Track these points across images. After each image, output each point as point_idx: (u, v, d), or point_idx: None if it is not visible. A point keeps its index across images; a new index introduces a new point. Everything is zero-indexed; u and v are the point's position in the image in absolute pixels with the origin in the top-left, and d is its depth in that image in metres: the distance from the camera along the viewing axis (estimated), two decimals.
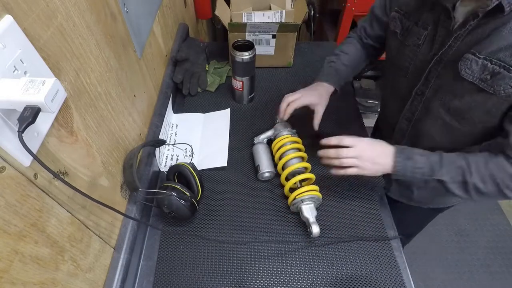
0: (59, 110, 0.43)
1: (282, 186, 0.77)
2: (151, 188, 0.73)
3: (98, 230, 0.54)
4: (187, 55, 0.98)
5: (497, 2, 0.49)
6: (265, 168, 0.78)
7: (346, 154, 0.63)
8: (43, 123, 0.40)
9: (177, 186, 0.66)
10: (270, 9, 1.14)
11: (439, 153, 0.62)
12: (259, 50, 1.02)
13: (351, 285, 0.64)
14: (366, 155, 0.63)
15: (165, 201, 0.65)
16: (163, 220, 0.73)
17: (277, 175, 0.80)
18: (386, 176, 0.69)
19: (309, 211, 0.69)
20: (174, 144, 0.87)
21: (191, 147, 0.85)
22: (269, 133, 0.85)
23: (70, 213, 0.46)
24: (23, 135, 0.33)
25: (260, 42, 1.01)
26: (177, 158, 0.84)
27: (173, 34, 1.03)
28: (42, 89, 0.33)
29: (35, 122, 0.33)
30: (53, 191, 0.42)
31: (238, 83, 0.93)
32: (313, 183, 0.76)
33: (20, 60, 0.36)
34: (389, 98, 0.80)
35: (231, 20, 1.08)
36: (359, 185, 0.80)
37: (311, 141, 0.88)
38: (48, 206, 0.41)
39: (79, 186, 0.48)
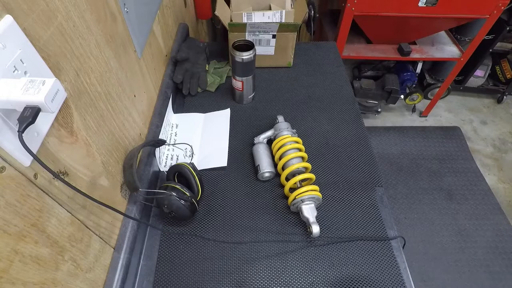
0: (59, 110, 0.43)
1: (282, 186, 0.77)
2: (151, 188, 0.73)
3: (98, 230, 0.54)
4: (187, 55, 0.98)
5: None
6: (265, 168, 0.78)
7: None
8: (43, 123, 0.40)
9: (177, 186, 0.66)
10: (270, 9, 1.14)
11: None
12: (259, 50, 1.02)
13: (351, 285, 0.64)
14: None
15: (165, 201, 0.65)
16: (163, 220, 0.73)
17: (277, 175, 0.80)
18: None
19: (309, 211, 0.69)
20: (174, 144, 0.87)
21: (191, 147, 0.85)
22: (269, 133, 0.85)
23: (70, 213, 0.46)
24: (23, 135, 0.33)
25: (260, 42, 1.01)
26: (177, 158, 0.84)
27: (173, 34, 1.03)
28: (42, 89, 0.33)
29: (35, 122, 0.33)
30: (53, 191, 0.42)
31: (238, 83, 0.93)
32: (313, 183, 0.76)
33: (20, 60, 0.36)
34: None
35: (231, 20, 1.08)
36: (359, 185, 0.80)
37: (312, 142, 0.89)
38: (48, 206, 0.41)
39: (79, 186, 0.48)
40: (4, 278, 0.34)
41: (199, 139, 0.89)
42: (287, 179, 0.75)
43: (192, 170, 0.71)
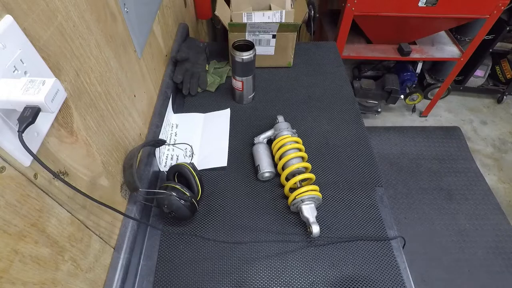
0: (59, 110, 0.43)
1: (282, 186, 0.77)
2: (151, 188, 0.73)
3: (98, 230, 0.54)
4: (187, 55, 0.98)
5: None
6: (265, 168, 0.78)
7: None
8: (43, 123, 0.40)
9: (177, 186, 0.66)
10: (270, 9, 1.14)
11: None
12: (259, 50, 1.02)
13: (351, 285, 0.64)
14: None
15: (165, 201, 0.65)
16: (163, 220, 0.73)
17: (277, 175, 0.80)
18: None
19: (309, 211, 0.69)
20: (174, 144, 0.87)
21: (191, 147, 0.85)
22: (269, 133, 0.85)
23: (70, 213, 0.46)
24: (23, 135, 0.33)
25: (260, 42, 1.01)
26: (177, 158, 0.84)
27: (173, 34, 1.03)
28: (42, 89, 0.33)
29: (35, 122, 0.33)
30: (53, 191, 0.42)
31: (238, 83, 0.93)
32: (313, 183, 0.76)
33: (20, 60, 0.36)
34: None
35: (231, 20, 1.08)
36: (359, 185, 0.80)
37: (312, 142, 0.89)
38: (48, 206, 0.41)
39: (79, 186, 0.48)
40: (4, 278, 0.34)
41: (199, 139, 0.89)
42: (287, 179, 0.75)
43: (192, 170, 0.71)
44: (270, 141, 0.85)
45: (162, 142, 0.77)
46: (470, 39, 1.89)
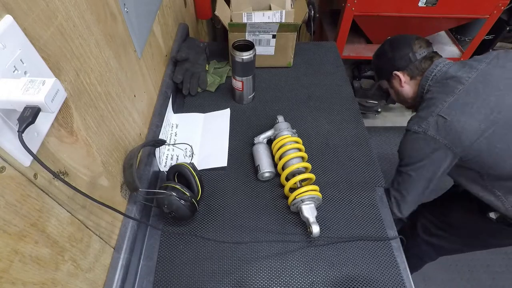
0: (59, 110, 0.43)
1: (282, 186, 0.77)
2: (151, 188, 0.73)
3: (98, 230, 0.54)
4: (187, 55, 0.98)
5: None
6: (265, 168, 0.78)
7: None
8: (43, 123, 0.40)
9: (177, 186, 0.66)
10: (270, 9, 1.14)
11: None
12: (259, 50, 1.02)
13: (351, 285, 0.64)
14: None
15: (165, 201, 0.65)
16: (163, 220, 0.73)
17: (277, 175, 0.80)
18: None
19: (309, 211, 0.69)
20: (174, 144, 0.87)
21: (191, 147, 0.85)
22: (269, 133, 0.85)
23: (70, 213, 0.46)
24: (23, 135, 0.33)
25: (260, 42, 1.01)
26: (177, 158, 0.84)
27: (173, 34, 1.03)
28: (42, 89, 0.33)
29: (35, 122, 0.33)
30: (53, 191, 0.42)
31: (238, 83, 0.93)
32: (313, 183, 0.76)
33: (20, 60, 0.36)
34: None
35: (231, 20, 1.08)
36: (359, 185, 0.80)
37: (312, 142, 0.89)
38: (48, 206, 0.41)
39: (79, 186, 0.48)
40: (4, 278, 0.34)
41: (199, 139, 0.89)
42: (287, 179, 0.75)
43: (192, 170, 0.71)
44: (270, 141, 0.85)
45: (162, 142, 0.77)
46: (470, 39, 1.89)
